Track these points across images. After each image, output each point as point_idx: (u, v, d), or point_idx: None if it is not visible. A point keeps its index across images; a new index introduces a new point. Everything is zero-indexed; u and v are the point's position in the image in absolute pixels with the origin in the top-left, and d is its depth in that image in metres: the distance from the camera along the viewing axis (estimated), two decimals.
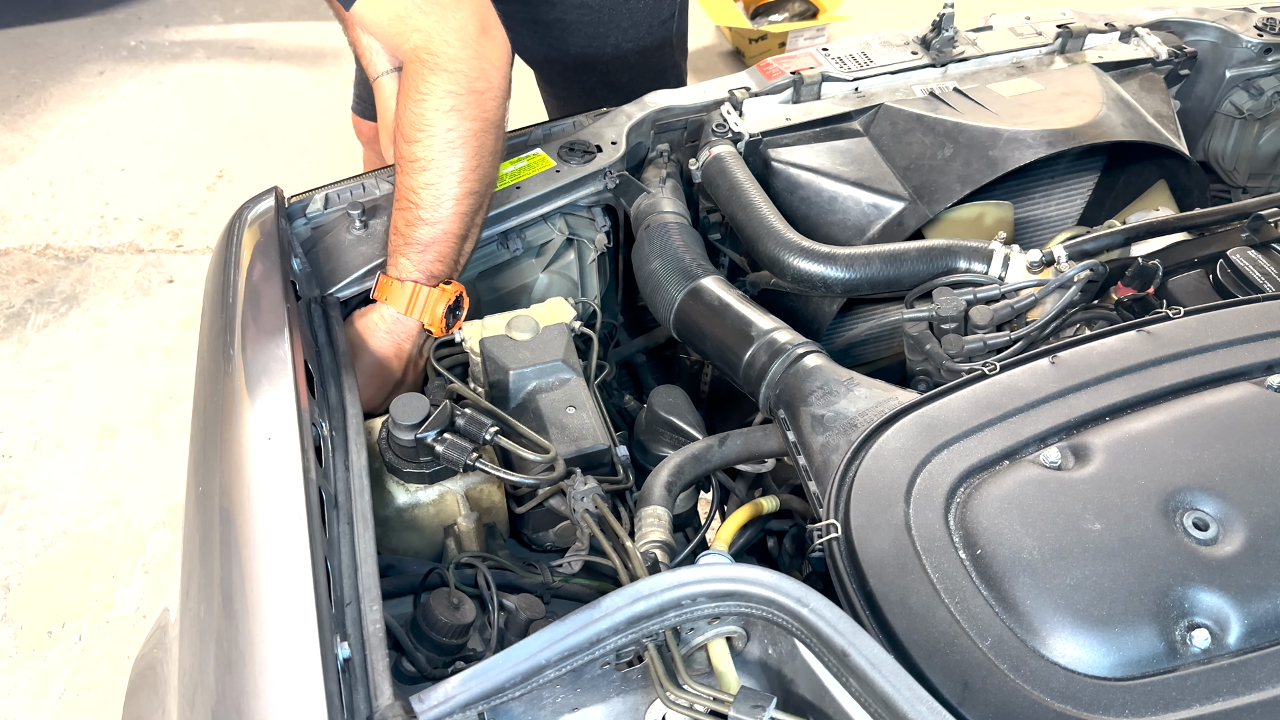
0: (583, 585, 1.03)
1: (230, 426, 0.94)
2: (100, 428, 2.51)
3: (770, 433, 1.10)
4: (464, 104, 1.12)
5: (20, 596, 2.16)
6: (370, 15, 1.15)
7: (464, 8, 1.13)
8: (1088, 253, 1.15)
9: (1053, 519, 0.81)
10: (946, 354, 1.08)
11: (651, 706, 0.78)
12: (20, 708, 1.97)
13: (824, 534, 0.86)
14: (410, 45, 1.13)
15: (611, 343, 1.59)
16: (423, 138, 1.12)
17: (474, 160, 1.14)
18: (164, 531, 2.29)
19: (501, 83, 1.16)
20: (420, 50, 1.12)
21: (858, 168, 1.38)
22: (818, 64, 1.50)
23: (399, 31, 1.13)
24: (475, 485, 1.06)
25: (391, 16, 1.13)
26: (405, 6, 1.12)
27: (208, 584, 0.83)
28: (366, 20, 1.16)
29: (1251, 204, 1.23)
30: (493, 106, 1.15)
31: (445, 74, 1.11)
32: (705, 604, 0.76)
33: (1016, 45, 1.56)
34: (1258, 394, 0.91)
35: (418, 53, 1.12)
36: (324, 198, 1.26)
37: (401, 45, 1.14)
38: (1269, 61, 1.62)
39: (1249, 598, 0.76)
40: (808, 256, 1.21)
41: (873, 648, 0.71)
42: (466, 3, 1.13)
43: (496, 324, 1.20)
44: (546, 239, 1.38)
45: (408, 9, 1.12)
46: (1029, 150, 1.31)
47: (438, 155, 1.12)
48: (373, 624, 0.78)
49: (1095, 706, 0.71)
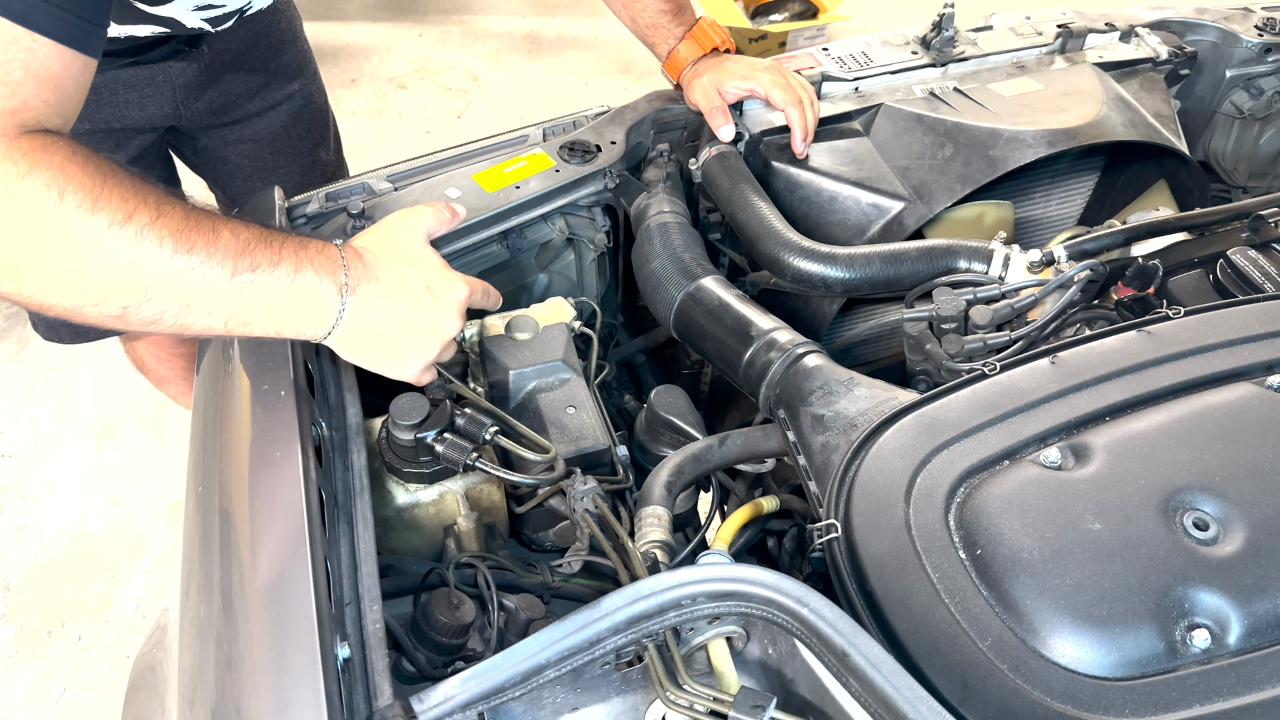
0: (583, 585, 1.03)
1: (230, 426, 0.94)
2: (100, 428, 2.51)
3: (770, 433, 1.10)
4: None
5: (20, 596, 2.16)
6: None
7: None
8: (1088, 253, 1.15)
9: (1053, 519, 0.81)
10: (946, 354, 1.08)
11: (651, 706, 0.78)
12: (20, 708, 1.97)
13: (824, 534, 0.86)
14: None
15: (611, 343, 1.59)
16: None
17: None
18: (164, 531, 2.29)
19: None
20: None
21: (858, 168, 1.38)
22: (818, 64, 1.50)
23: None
24: (475, 485, 1.06)
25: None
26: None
27: (208, 584, 0.83)
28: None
29: (1251, 204, 1.23)
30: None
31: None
32: (705, 604, 0.76)
33: (1016, 45, 1.56)
34: (1258, 394, 0.91)
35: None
36: (323, 197, 1.26)
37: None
38: (1269, 61, 1.62)
39: (1249, 598, 0.76)
40: (808, 256, 1.21)
41: (873, 648, 0.71)
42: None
43: (496, 324, 1.21)
44: (546, 239, 1.38)
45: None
46: (1029, 150, 1.31)
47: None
48: (373, 624, 0.78)
49: (1095, 706, 0.71)
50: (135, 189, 0.81)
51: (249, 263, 0.85)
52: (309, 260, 0.89)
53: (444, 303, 0.97)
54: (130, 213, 0.80)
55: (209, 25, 1.33)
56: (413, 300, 0.95)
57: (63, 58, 0.81)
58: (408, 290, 0.95)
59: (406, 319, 0.95)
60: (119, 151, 1.43)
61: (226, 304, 0.85)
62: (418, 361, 0.98)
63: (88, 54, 0.84)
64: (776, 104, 1.38)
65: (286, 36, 1.57)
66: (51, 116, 0.82)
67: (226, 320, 0.86)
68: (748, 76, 1.38)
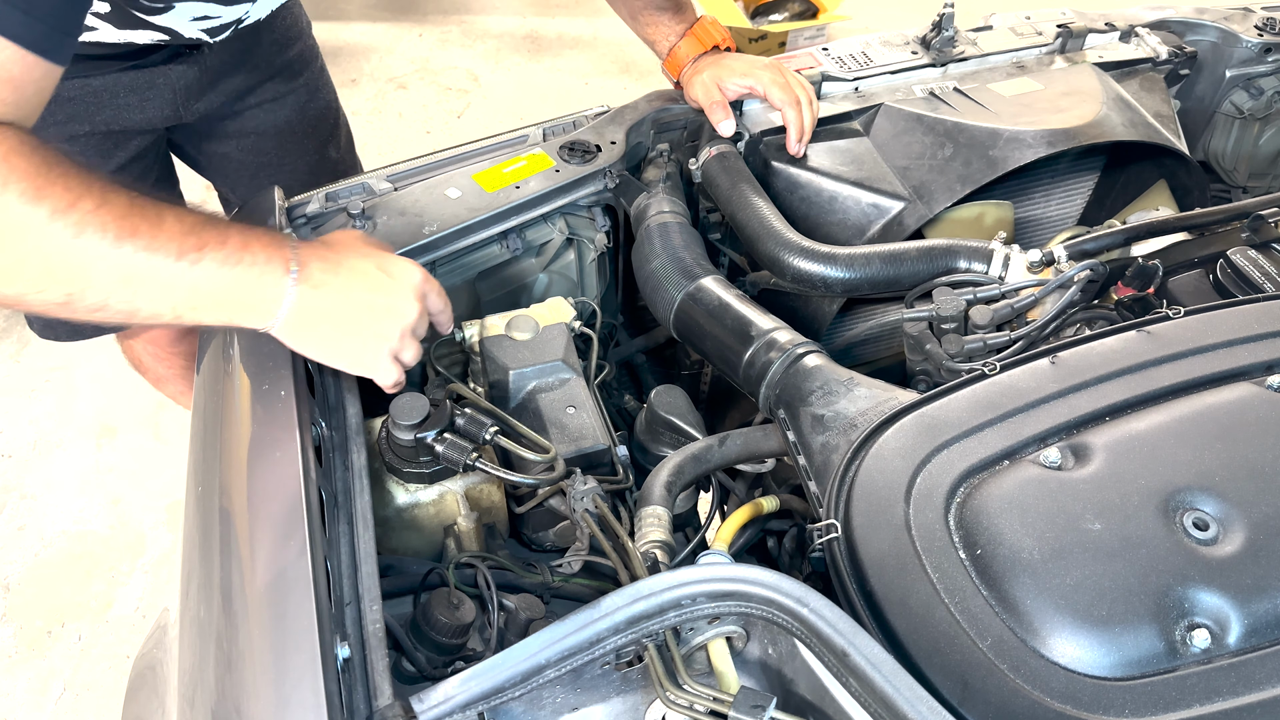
0: (583, 585, 1.03)
1: (230, 426, 0.94)
2: (100, 427, 2.51)
3: (770, 433, 1.10)
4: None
5: (20, 596, 2.16)
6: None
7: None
8: (1088, 253, 1.15)
9: (1053, 519, 0.81)
10: (946, 354, 1.08)
11: (651, 706, 0.78)
12: (20, 708, 1.97)
13: (824, 534, 0.86)
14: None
15: (611, 343, 1.59)
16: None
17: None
18: (164, 531, 2.29)
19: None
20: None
21: (858, 167, 1.38)
22: (818, 64, 1.50)
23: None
24: (475, 485, 1.06)
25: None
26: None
27: (208, 584, 0.83)
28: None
29: (1251, 204, 1.23)
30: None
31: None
32: (705, 604, 0.76)
33: (1016, 45, 1.56)
34: (1258, 394, 0.91)
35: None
36: (323, 197, 1.26)
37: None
38: (1269, 61, 1.62)
39: (1249, 598, 0.76)
40: (808, 256, 1.21)
41: (873, 648, 0.71)
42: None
43: (496, 324, 1.21)
44: (546, 239, 1.38)
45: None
46: (1029, 150, 1.31)
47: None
48: (373, 624, 0.78)
49: (1095, 706, 0.71)
50: (80, 178, 0.81)
51: (194, 244, 0.84)
52: (256, 239, 0.87)
53: (399, 284, 0.93)
54: (73, 201, 0.80)
55: (207, 36, 1.33)
56: (366, 279, 0.92)
57: (24, 61, 0.81)
58: (359, 270, 0.92)
59: (361, 297, 0.91)
60: (118, 152, 1.42)
61: (172, 288, 0.85)
62: (378, 348, 0.93)
63: (52, 60, 0.84)
64: (774, 103, 1.37)
65: (291, 33, 1.56)
66: (5, 114, 0.82)
67: (174, 305, 0.86)
68: (748, 74, 1.38)
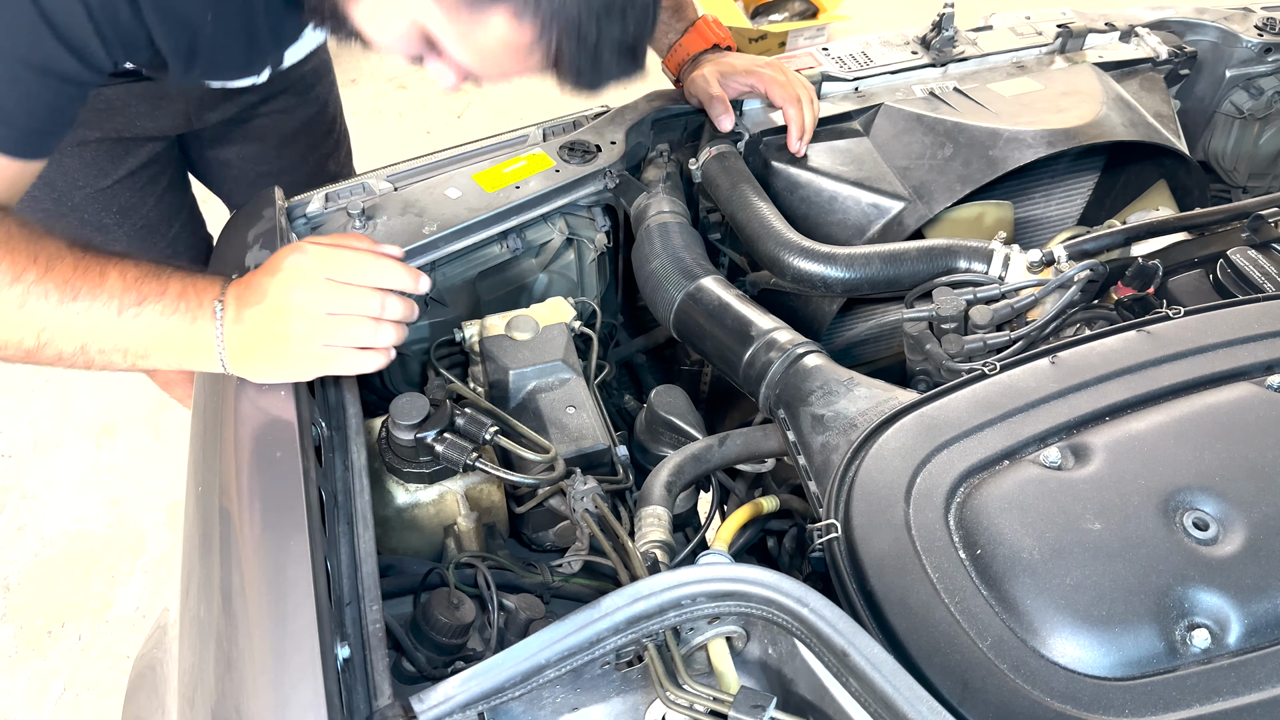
0: (583, 585, 1.03)
1: (230, 426, 0.94)
2: (99, 427, 2.51)
3: (770, 433, 1.10)
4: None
5: (20, 596, 2.16)
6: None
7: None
8: (1088, 253, 1.15)
9: (1053, 519, 0.81)
10: (946, 354, 1.08)
11: (651, 706, 0.78)
12: (20, 707, 1.97)
13: (824, 534, 0.86)
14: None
15: (611, 343, 1.59)
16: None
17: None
18: (164, 531, 2.29)
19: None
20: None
21: (858, 167, 1.38)
22: (818, 64, 1.50)
23: None
24: (475, 485, 1.06)
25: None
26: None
27: (208, 584, 0.83)
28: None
29: (1251, 204, 1.23)
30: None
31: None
32: (705, 604, 0.76)
33: (1016, 45, 1.56)
34: (1258, 394, 0.91)
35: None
36: (323, 197, 1.26)
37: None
38: (1269, 61, 1.62)
39: (1249, 598, 0.76)
40: (808, 256, 1.21)
41: (873, 648, 0.71)
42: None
43: (496, 324, 1.21)
44: (546, 239, 1.38)
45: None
46: (1029, 150, 1.31)
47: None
48: (373, 624, 0.78)
49: (1095, 706, 0.71)
50: (28, 249, 0.87)
51: (135, 298, 0.88)
52: (193, 286, 0.91)
53: (290, 276, 0.89)
54: (19, 274, 0.85)
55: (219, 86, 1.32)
56: (271, 289, 0.89)
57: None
58: (264, 286, 0.90)
59: (271, 308, 0.89)
60: (129, 158, 1.42)
61: (118, 339, 0.89)
62: (308, 348, 0.90)
63: (28, 159, 0.89)
64: (776, 101, 1.37)
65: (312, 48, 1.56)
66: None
67: (125, 354, 0.90)
68: (748, 72, 1.38)
